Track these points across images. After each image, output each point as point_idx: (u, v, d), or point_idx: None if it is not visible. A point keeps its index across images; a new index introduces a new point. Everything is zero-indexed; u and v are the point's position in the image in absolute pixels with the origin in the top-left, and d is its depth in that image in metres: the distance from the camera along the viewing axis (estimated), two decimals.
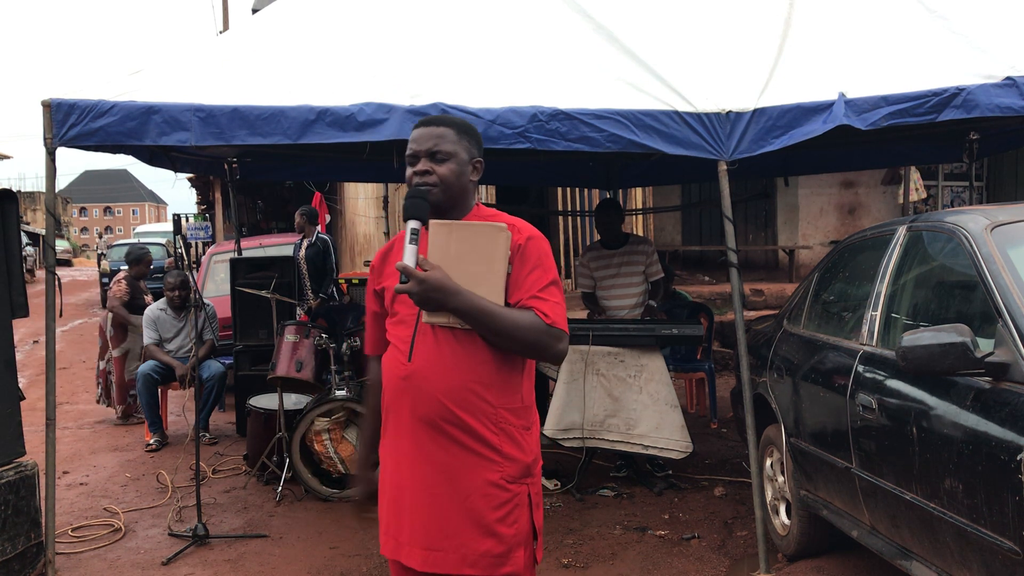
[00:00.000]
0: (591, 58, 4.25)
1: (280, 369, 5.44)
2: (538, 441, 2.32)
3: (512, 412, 2.21)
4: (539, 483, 2.30)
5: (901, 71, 4.07)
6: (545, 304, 2.17)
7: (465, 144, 2.26)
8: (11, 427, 3.96)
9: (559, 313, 2.19)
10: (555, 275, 2.22)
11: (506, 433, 2.20)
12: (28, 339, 13.05)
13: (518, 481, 2.20)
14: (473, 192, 2.32)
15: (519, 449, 2.21)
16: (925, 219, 3.49)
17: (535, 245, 2.20)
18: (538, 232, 2.25)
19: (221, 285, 8.70)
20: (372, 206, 18.19)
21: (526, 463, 2.22)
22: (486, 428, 2.18)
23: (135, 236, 30.83)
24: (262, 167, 7.33)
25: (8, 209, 4.03)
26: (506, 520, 2.18)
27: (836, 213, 11.24)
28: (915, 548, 3.03)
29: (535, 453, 2.27)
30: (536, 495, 2.27)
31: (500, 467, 2.18)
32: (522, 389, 2.26)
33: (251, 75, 4.17)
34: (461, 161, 2.25)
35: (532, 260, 2.18)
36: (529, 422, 2.26)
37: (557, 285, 2.21)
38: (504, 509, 2.18)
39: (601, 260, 5.76)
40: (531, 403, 2.29)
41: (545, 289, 2.18)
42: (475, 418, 2.17)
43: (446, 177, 2.21)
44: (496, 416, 2.19)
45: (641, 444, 5.04)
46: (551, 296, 2.19)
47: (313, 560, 4.37)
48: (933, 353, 2.65)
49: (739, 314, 4.09)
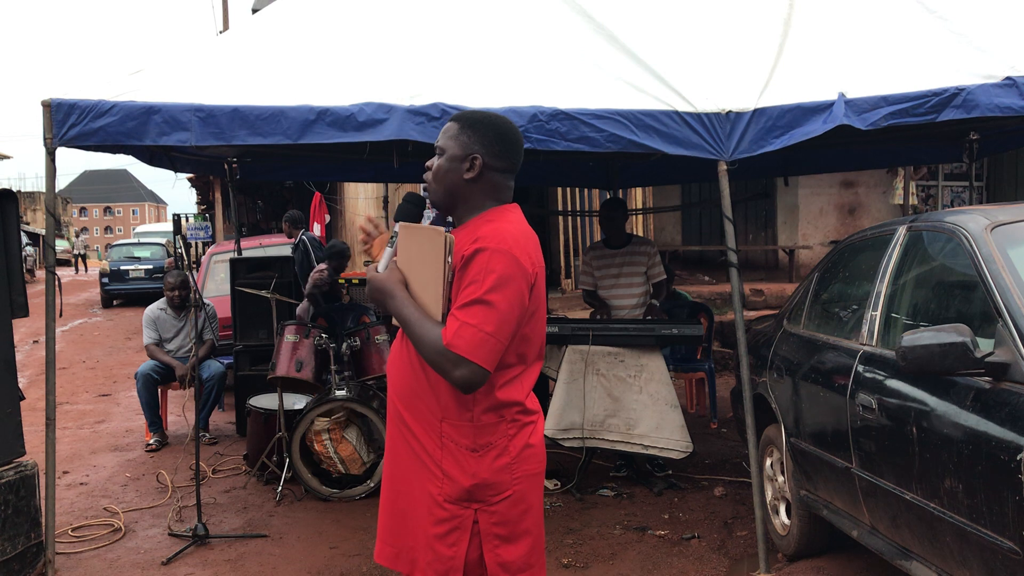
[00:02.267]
0: (591, 58, 4.25)
1: (280, 369, 5.44)
2: (503, 468, 2.07)
3: (456, 428, 2.06)
4: (506, 514, 2.08)
5: (901, 71, 4.07)
6: (453, 323, 1.96)
7: (464, 139, 2.12)
8: (11, 427, 3.96)
9: (465, 336, 1.94)
10: (488, 294, 1.96)
11: (447, 450, 2.06)
12: (28, 339, 13.05)
13: (458, 503, 2.06)
14: (483, 191, 2.14)
15: (459, 469, 2.05)
16: (925, 219, 3.49)
17: (482, 258, 1.98)
18: (502, 246, 2.00)
19: (221, 285, 8.70)
20: (372, 206, 18.20)
21: (464, 487, 2.05)
22: (429, 439, 2.09)
23: (135, 236, 30.87)
24: (262, 167, 7.34)
25: (8, 209, 4.03)
26: (445, 539, 2.07)
27: (836, 213, 11.24)
28: (915, 548, 3.03)
29: (482, 478, 2.05)
30: (496, 525, 2.07)
31: (440, 483, 2.07)
32: (475, 407, 2.05)
33: (251, 75, 4.17)
34: (452, 156, 2.12)
35: (471, 274, 1.98)
36: (479, 444, 2.05)
37: (486, 305, 1.95)
38: (443, 527, 2.07)
39: (603, 260, 5.78)
40: (493, 424, 2.07)
41: (466, 307, 1.96)
42: (420, 426, 2.10)
43: (435, 172, 2.15)
44: (439, 429, 2.07)
45: (641, 444, 5.04)
46: (467, 316, 1.95)
47: (313, 560, 4.37)
48: (933, 353, 2.65)
49: (739, 314, 4.10)
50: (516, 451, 2.09)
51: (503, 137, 2.14)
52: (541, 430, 2.19)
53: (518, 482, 2.09)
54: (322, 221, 15.45)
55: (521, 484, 2.10)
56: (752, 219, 11.82)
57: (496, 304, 1.96)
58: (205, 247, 18.22)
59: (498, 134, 2.14)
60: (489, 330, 1.96)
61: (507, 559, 2.09)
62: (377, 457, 5.32)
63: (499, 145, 2.13)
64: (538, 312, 2.13)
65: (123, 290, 19.65)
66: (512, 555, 2.09)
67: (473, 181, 2.13)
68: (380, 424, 5.24)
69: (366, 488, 5.26)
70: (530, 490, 2.13)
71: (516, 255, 2.00)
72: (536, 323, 2.13)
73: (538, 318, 2.13)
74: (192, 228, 17.94)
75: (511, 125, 2.19)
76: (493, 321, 1.96)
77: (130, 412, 8.04)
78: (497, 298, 1.96)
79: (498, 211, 2.14)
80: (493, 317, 1.96)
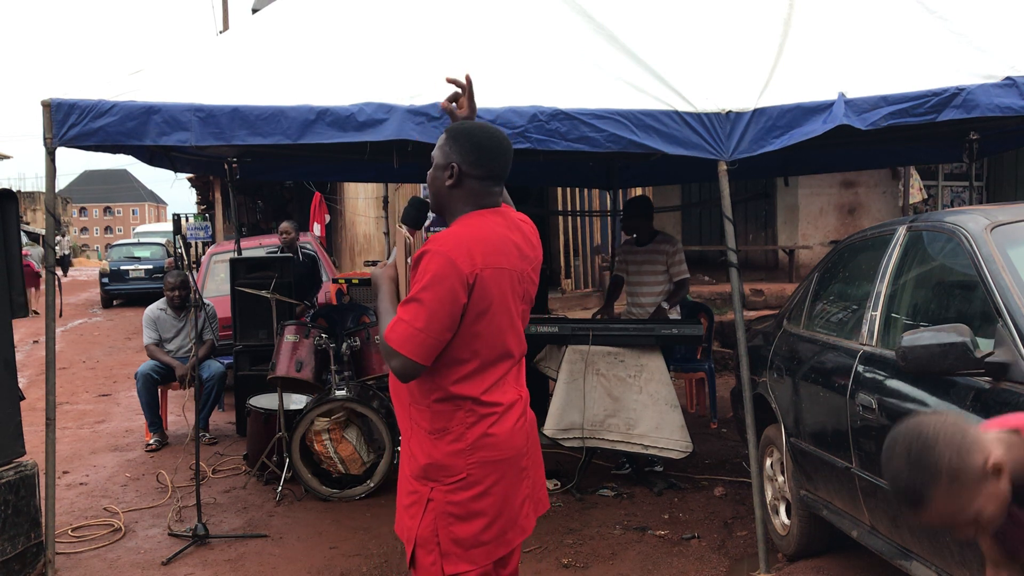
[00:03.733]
0: (591, 58, 4.25)
1: (280, 369, 5.44)
2: (458, 453, 2.22)
3: (419, 412, 2.27)
4: (461, 494, 2.22)
5: (901, 71, 4.07)
6: (393, 318, 2.20)
7: (446, 149, 2.31)
8: (11, 427, 3.96)
9: (398, 331, 2.14)
10: (420, 292, 2.13)
11: (413, 431, 2.30)
12: (28, 339, 13.05)
13: (419, 480, 2.27)
14: (463, 198, 2.30)
15: (420, 448, 2.27)
16: (925, 219, 3.49)
17: (424, 260, 2.16)
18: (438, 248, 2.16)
19: (221, 285, 8.69)
20: (372, 206, 18.21)
21: (420, 464, 2.26)
22: (403, 420, 2.34)
23: (135, 236, 30.86)
24: (262, 167, 7.34)
25: (8, 209, 4.04)
26: (409, 509, 2.30)
27: (836, 213, 11.23)
28: (915, 548, 3.03)
29: (435, 459, 2.22)
30: (451, 504, 2.22)
31: (409, 460, 2.32)
32: (433, 394, 2.23)
33: (251, 75, 4.17)
34: (437, 166, 2.33)
35: (416, 274, 2.19)
36: (436, 428, 2.23)
37: (417, 303, 2.14)
38: (409, 498, 2.31)
39: (630, 254, 6.07)
40: (451, 411, 2.22)
41: (404, 304, 2.18)
42: (400, 409, 2.36)
43: (428, 181, 2.38)
44: (409, 412, 2.31)
45: (641, 444, 5.04)
46: (404, 313, 2.16)
47: (313, 560, 4.37)
48: (933, 353, 2.65)
49: (739, 314, 4.10)
50: (473, 438, 2.23)
51: (479, 146, 2.30)
52: (508, 421, 2.28)
53: (473, 468, 2.23)
54: (322, 221, 15.47)
55: (476, 470, 2.23)
56: (752, 219, 11.82)
57: (425, 302, 2.13)
58: (205, 247, 18.23)
59: (474, 143, 2.29)
60: (419, 326, 2.13)
61: (460, 535, 2.24)
62: (377, 457, 5.31)
63: (474, 154, 2.29)
64: (491, 310, 2.21)
65: (123, 290, 19.67)
66: (464, 532, 2.24)
67: (453, 188, 2.31)
68: (380, 424, 5.24)
69: (366, 488, 5.26)
70: (488, 475, 2.25)
71: (452, 257, 2.15)
72: (489, 322, 2.22)
73: (491, 316, 2.22)
74: (192, 228, 17.95)
75: (493, 134, 2.35)
76: (423, 317, 2.13)
77: (130, 412, 8.05)
78: (427, 296, 2.13)
79: (469, 216, 2.30)
80: (423, 314, 2.13)
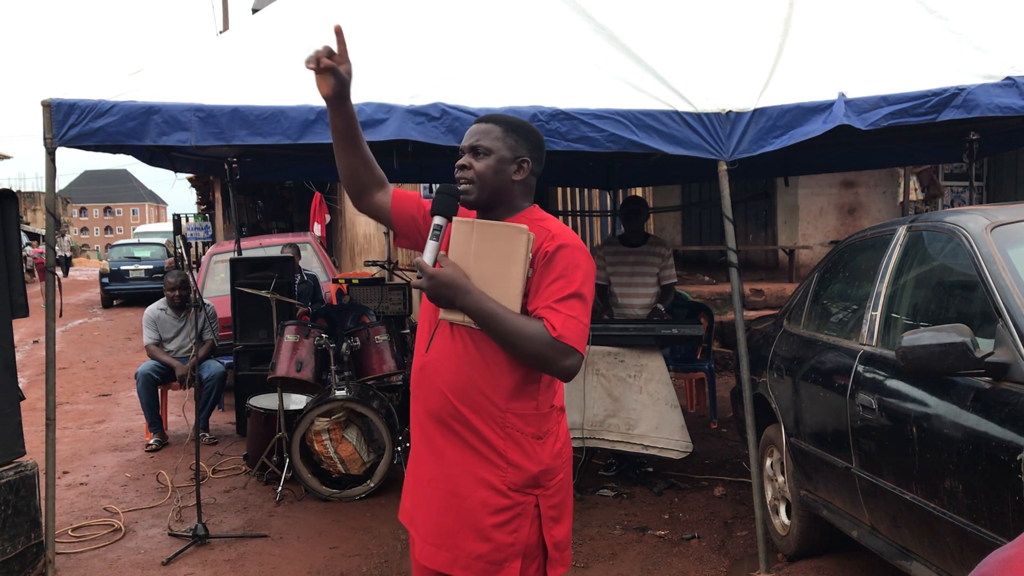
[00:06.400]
0: (591, 58, 4.25)
1: (280, 369, 5.44)
2: (558, 453, 2.21)
3: (521, 418, 2.15)
4: (558, 496, 2.20)
5: (901, 71, 4.07)
6: (557, 316, 2.05)
7: (511, 142, 2.20)
8: (11, 427, 3.96)
9: (571, 328, 2.05)
10: (580, 288, 2.09)
11: (512, 439, 2.14)
12: (28, 339, 13.05)
13: (522, 490, 2.14)
14: (522, 192, 2.24)
15: (525, 457, 2.14)
16: (925, 219, 3.49)
17: (565, 254, 2.09)
18: (576, 241, 2.14)
19: (221, 285, 8.70)
20: None
21: (532, 472, 2.14)
22: (491, 430, 2.14)
23: (135, 236, 30.88)
24: (262, 167, 7.34)
25: (8, 209, 4.03)
26: (505, 527, 2.13)
27: (836, 213, 11.23)
28: (915, 548, 3.03)
29: (546, 464, 2.17)
30: (551, 508, 2.18)
31: (503, 472, 2.14)
32: (539, 396, 2.18)
33: (251, 75, 4.17)
34: (502, 158, 2.19)
35: (557, 269, 2.08)
36: (542, 431, 2.18)
37: (580, 299, 2.08)
38: (503, 516, 2.13)
39: (617, 256, 5.82)
40: (549, 412, 2.21)
41: (563, 301, 2.07)
42: (480, 418, 2.14)
43: (482, 173, 2.19)
44: (503, 420, 2.14)
45: (641, 444, 5.04)
46: (568, 309, 2.06)
47: (313, 560, 4.37)
48: (933, 353, 2.65)
49: (739, 314, 4.10)
50: (564, 436, 2.26)
51: (541, 144, 2.28)
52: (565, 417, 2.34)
53: (565, 465, 2.24)
54: (322, 221, 15.45)
55: (567, 467, 2.25)
56: (752, 219, 11.82)
57: (587, 297, 2.12)
58: (205, 247, 18.24)
59: (538, 139, 2.27)
60: (586, 321, 2.11)
61: (558, 537, 2.20)
62: (377, 457, 5.31)
63: (540, 150, 2.27)
64: None
65: (123, 290, 19.67)
66: (561, 533, 2.21)
67: (518, 182, 2.23)
68: (380, 424, 5.24)
69: (366, 488, 5.26)
70: (569, 474, 2.28)
71: (587, 251, 2.16)
72: None
73: None
74: (192, 228, 17.96)
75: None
76: (587, 313, 2.12)
77: (130, 412, 8.05)
78: (588, 291, 2.12)
79: (536, 210, 2.26)
80: (581, 307, 2.10)
